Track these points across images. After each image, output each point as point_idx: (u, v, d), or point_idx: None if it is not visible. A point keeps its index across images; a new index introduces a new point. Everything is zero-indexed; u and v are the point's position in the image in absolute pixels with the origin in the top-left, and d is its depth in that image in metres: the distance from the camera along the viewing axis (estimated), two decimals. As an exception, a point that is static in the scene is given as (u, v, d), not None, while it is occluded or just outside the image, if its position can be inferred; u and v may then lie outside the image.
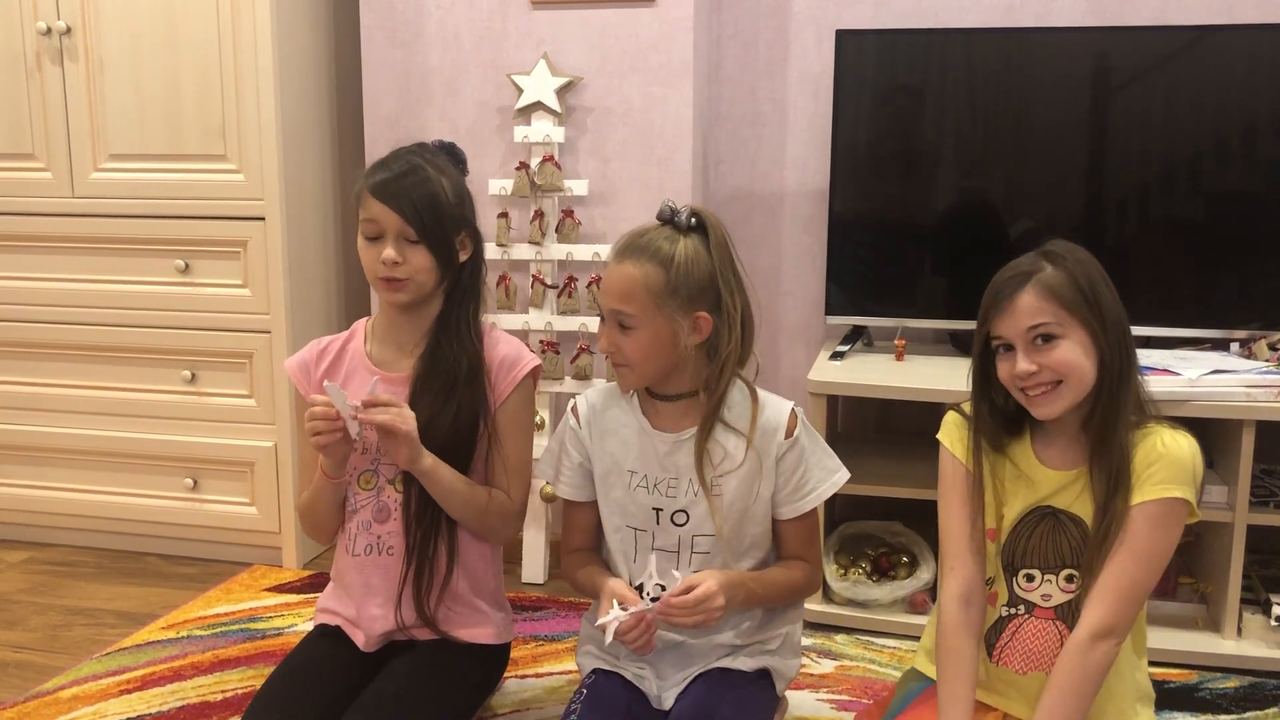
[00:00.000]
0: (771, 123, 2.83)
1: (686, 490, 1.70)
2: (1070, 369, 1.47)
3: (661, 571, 1.71)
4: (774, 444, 1.70)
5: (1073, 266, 1.49)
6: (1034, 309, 1.48)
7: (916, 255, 2.64)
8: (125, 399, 2.79)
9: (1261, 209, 2.40)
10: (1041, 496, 1.55)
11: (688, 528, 1.71)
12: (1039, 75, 2.50)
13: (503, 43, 2.64)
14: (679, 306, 1.62)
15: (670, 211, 1.67)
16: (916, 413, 2.28)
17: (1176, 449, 1.47)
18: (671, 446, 1.71)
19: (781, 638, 1.79)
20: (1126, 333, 1.50)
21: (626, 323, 1.64)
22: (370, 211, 1.74)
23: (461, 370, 1.77)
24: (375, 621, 1.81)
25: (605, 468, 1.77)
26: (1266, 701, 2.08)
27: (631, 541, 1.75)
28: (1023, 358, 1.48)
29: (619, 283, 1.64)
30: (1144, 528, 1.45)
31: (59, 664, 2.26)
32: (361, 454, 1.81)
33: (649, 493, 1.73)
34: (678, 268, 1.62)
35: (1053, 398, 1.49)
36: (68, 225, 2.75)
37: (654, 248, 1.63)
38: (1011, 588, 1.57)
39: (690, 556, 1.71)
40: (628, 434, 1.75)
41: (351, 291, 2.92)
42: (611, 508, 1.77)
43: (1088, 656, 1.44)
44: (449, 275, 1.80)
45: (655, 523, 1.73)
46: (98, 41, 2.64)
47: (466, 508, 1.77)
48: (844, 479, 1.76)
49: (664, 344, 1.64)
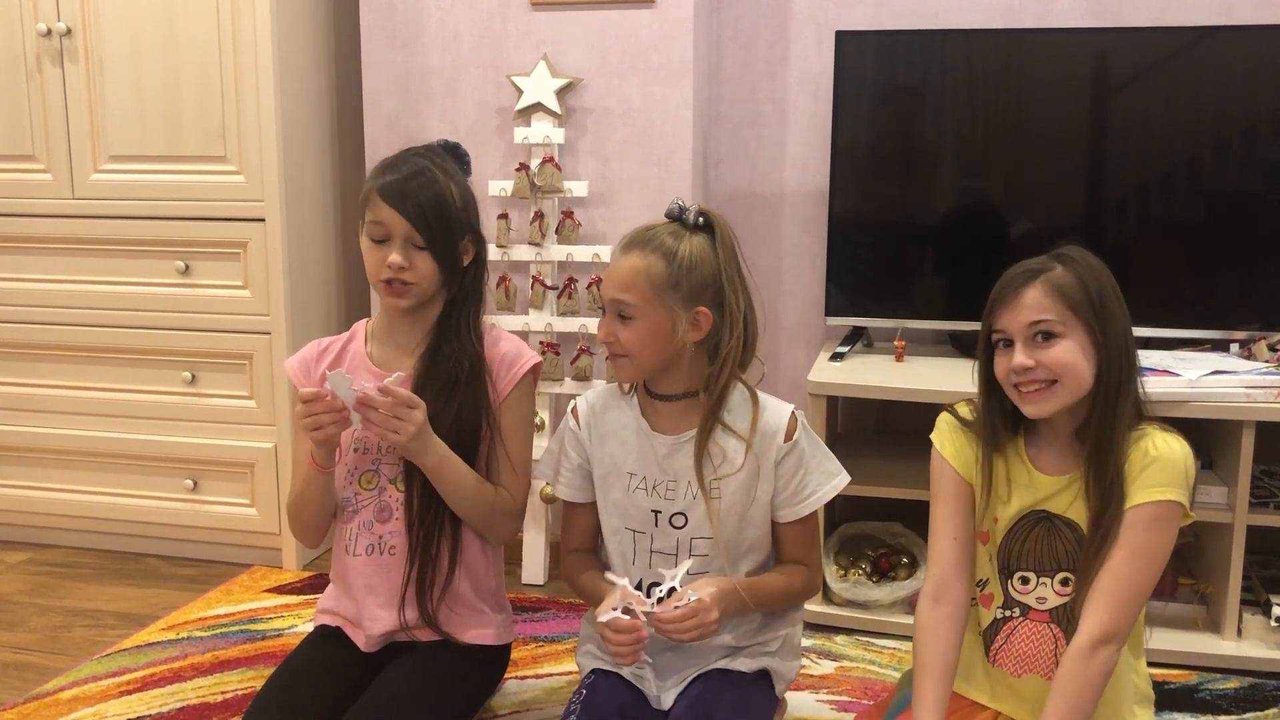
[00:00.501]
0: (771, 123, 2.83)
1: (685, 493, 1.70)
2: (1066, 369, 1.47)
3: (653, 574, 1.71)
4: (773, 447, 1.70)
5: (1083, 270, 1.49)
6: (1038, 304, 1.48)
7: (916, 256, 2.64)
8: (125, 400, 2.79)
9: (1261, 209, 2.40)
10: (1036, 500, 1.54)
11: (686, 530, 1.71)
12: (1039, 76, 2.50)
13: (502, 43, 2.64)
14: (680, 300, 1.63)
15: (679, 209, 1.68)
16: (916, 414, 2.27)
17: (1169, 451, 1.46)
18: (671, 448, 1.71)
19: (781, 639, 1.79)
20: (1130, 344, 1.49)
21: (626, 312, 1.64)
22: (378, 214, 1.74)
23: (463, 370, 1.77)
24: (377, 622, 1.81)
25: (605, 469, 1.77)
26: (1266, 702, 2.08)
27: (630, 543, 1.75)
28: (1021, 351, 1.49)
29: (622, 272, 1.65)
30: (1139, 531, 1.45)
31: (59, 665, 2.26)
32: (363, 454, 1.81)
33: (648, 495, 1.73)
34: (681, 262, 1.63)
35: (1045, 396, 1.49)
36: (68, 226, 2.75)
37: (659, 241, 1.65)
38: (1007, 590, 1.57)
39: (688, 560, 1.71)
40: (627, 435, 1.75)
41: (351, 292, 2.92)
42: (611, 510, 1.77)
43: (1089, 664, 1.43)
44: (453, 280, 1.80)
45: (654, 525, 1.73)
46: (98, 43, 2.64)
47: (472, 504, 1.77)
48: (844, 483, 1.76)
49: (661, 336, 1.64)
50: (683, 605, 1.58)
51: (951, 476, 1.59)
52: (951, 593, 1.57)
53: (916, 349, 2.62)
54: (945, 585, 1.57)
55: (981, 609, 1.61)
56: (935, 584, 1.58)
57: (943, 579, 1.58)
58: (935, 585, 1.58)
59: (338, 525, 1.86)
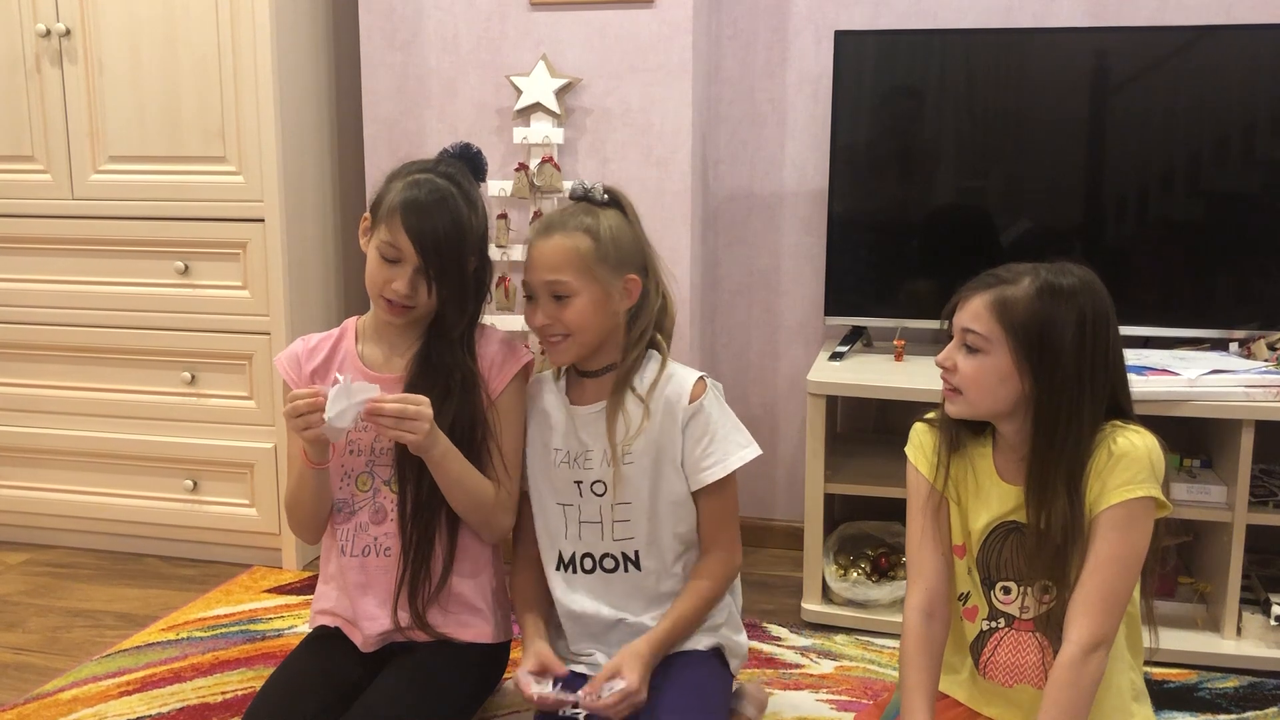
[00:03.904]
0: (770, 123, 2.84)
1: (600, 461, 1.77)
2: (971, 384, 1.48)
3: (584, 545, 1.80)
4: (679, 409, 1.75)
5: (1047, 297, 1.44)
6: (975, 314, 1.48)
7: (915, 255, 2.64)
8: (125, 400, 2.79)
9: (1260, 209, 2.40)
10: (1005, 511, 1.53)
11: (606, 498, 1.78)
12: (1038, 76, 2.50)
13: (501, 44, 2.64)
14: (610, 271, 1.72)
15: (583, 189, 1.77)
16: (916, 413, 2.25)
17: (1130, 448, 1.44)
18: (586, 418, 1.79)
19: (726, 611, 1.85)
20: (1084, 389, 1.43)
21: (562, 292, 1.71)
22: (395, 238, 1.72)
23: (456, 371, 1.77)
24: (374, 622, 1.81)
25: (535, 449, 1.84)
26: (1266, 701, 2.08)
27: (561, 518, 1.82)
28: (948, 350, 1.52)
29: (551, 255, 1.71)
30: (1115, 533, 1.43)
31: (59, 666, 2.26)
32: (356, 455, 1.81)
33: (570, 467, 1.80)
34: (604, 236, 1.72)
35: (953, 399, 1.52)
36: (67, 227, 2.75)
37: (577, 220, 1.73)
38: (990, 601, 1.57)
39: (613, 526, 1.78)
40: (555, 414, 1.83)
41: (351, 293, 2.92)
42: (543, 487, 1.83)
43: (1081, 672, 1.42)
44: (453, 300, 1.79)
45: (579, 495, 1.80)
46: (97, 43, 2.64)
47: (471, 499, 1.77)
48: (753, 454, 1.80)
49: (601, 309, 1.72)
50: (615, 692, 1.64)
51: (925, 488, 1.59)
52: (942, 609, 1.58)
53: (916, 349, 2.62)
54: (936, 600, 1.57)
55: (967, 622, 1.60)
56: (926, 597, 1.57)
57: (933, 593, 1.57)
58: (926, 599, 1.57)
59: (334, 526, 1.86)
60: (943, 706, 1.61)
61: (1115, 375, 1.48)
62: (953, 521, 1.59)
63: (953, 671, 1.64)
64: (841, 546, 2.53)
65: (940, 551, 1.58)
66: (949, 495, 1.58)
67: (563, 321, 1.71)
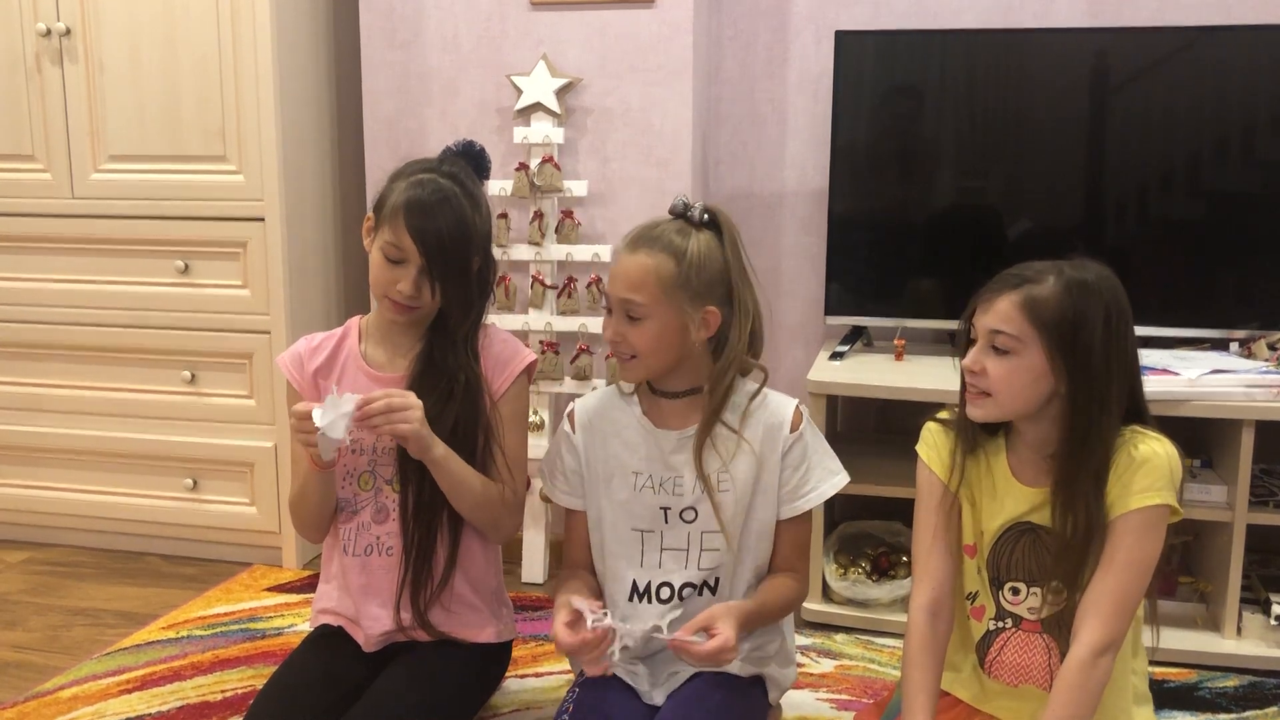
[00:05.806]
0: (771, 123, 2.84)
1: (693, 487, 1.69)
2: (1002, 386, 1.46)
3: (663, 573, 1.71)
4: (779, 439, 1.69)
5: (1076, 293, 1.44)
6: (1004, 315, 1.46)
7: (916, 255, 2.64)
8: (125, 399, 2.79)
9: (1261, 209, 2.40)
10: (1020, 512, 1.53)
11: (697, 524, 1.71)
12: (1038, 76, 2.50)
13: (502, 43, 2.64)
14: (689, 299, 1.62)
15: (684, 206, 1.67)
16: (916, 413, 2.25)
17: (1150, 455, 1.44)
18: (677, 444, 1.70)
19: (776, 645, 1.78)
20: (1111, 385, 1.44)
21: (635, 313, 1.63)
22: (399, 238, 1.71)
23: (460, 372, 1.77)
24: (376, 622, 1.81)
25: (609, 471, 1.75)
26: (1266, 701, 2.08)
27: (638, 544, 1.73)
28: (975, 353, 1.48)
29: (630, 272, 1.63)
30: (1131, 538, 1.44)
31: (59, 664, 2.26)
32: (359, 455, 1.81)
33: (655, 492, 1.72)
34: (690, 260, 1.62)
35: (981, 402, 1.49)
36: (67, 226, 2.75)
37: (666, 239, 1.63)
38: (998, 601, 1.57)
39: (700, 554, 1.71)
40: (630, 435, 1.74)
41: (351, 292, 2.92)
42: (617, 512, 1.74)
43: (1090, 674, 1.42)
44: (457, 300, 1.78)
45: (664, 521, 1.71)
46: (97, 43, 2.64)
47: (474, 500, 1.77)
48: (844, 481, 1.75)
49: (672, 336, 1.64)
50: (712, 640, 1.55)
51: (938, 487, 1.59)
52: (947, 609, 1.57)
53: (916, 348, 2.62)
54: (942, 600, 1.57)
55: (973, 622, 1.60)
56: (932, 597, 1.57)
57: (940, 593, 1.57)
58: (932, 599, 1.57)
59: (336, 525, 1.86)
60: (943, 705, 1.61)
61: (1135, 370, 1.49)
62: (965, 521, 1.58)
63: (954, 669, 1.64)
64: (842, 546, 2.53)
65: (950, 552, 1.58)
66: (963, 496, 1.57)
67: (629, 342, 1.64)
